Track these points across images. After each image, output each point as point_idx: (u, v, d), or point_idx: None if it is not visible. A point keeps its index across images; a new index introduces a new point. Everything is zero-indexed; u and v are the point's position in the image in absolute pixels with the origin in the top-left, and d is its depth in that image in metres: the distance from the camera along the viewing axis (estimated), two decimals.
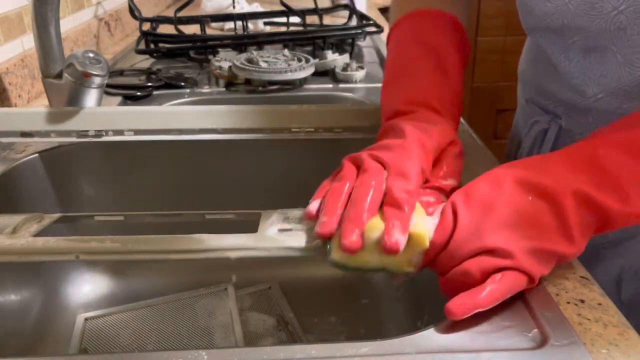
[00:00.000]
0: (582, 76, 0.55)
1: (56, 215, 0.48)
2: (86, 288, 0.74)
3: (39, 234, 0.45)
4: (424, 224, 0.39)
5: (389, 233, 0.37)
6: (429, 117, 0.47)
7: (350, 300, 0.73)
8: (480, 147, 0.65)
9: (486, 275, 0.37)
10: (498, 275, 0.37)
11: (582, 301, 0.39)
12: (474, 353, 0.34)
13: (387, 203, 0.39)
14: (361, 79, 0.94)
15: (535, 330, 0.36)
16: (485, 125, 2.24)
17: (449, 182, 0.44)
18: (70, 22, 1.05)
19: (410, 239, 0.38)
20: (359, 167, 0.42)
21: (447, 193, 0.43)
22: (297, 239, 0.43)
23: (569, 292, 0.40)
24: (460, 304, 0.36)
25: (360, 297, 0.73)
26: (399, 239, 0.37)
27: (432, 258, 0.39)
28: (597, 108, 0.55)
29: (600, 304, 0.39)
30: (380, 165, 0.41)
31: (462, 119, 0.74)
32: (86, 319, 0.67)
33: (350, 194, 0.40)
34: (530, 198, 0.38)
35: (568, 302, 0.39)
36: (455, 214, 0.38)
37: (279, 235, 0.44)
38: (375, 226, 0.38)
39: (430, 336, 0.36)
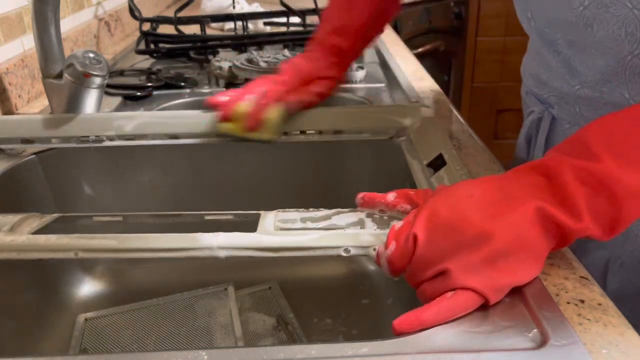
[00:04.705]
0: (569, 67, 0.57)
1: (55, 215, 0.48)
2: (86, 288, 0.74)
3: (37, 232, 0.44)
4: (274, 113, 0.63)
5: (249, 118, 0.63)
6: (317, 57, 0.71)
7: (350, 301, 0.73)
8: (480, 147, 0.65)
9: (440, 295, 0.38)
10: (449, 294, 0.37)
11: (582, 301, 0.39)
12: (474, 353, 0.34)
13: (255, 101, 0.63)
14: (361, 79, 0.94)
15: (535, 330, 0.36)
16: (485, 125, 2.24)
17: (312, 89, 0.68)
18: (71, 22, 1.05)
19: (264, 122, 0.63)
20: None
21: (310, 95, 0.67)
22: (296, 239, 0.43)
23: (569, 292, 0.40)
24: (402, 321, 0.37)
25: (360, 297, 0.73)
26: (255, 125, 0.63)
27: (397, 274, 0.41)
28: (582, 96, 0.57)
29: (600, 304, 0.39)
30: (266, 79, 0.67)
31: (462, 119, 0.74)
32: (86, 319, 0.67)
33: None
34: (489, 219, 0.38)
35: (568, 302, 0.39)
36: (415, 237, 0.39)
37: (278, 235, 0.44)
38: (242, 109, 0.62)
39: (430, 336, 0.36)
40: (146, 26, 1.14)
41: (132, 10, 1.13)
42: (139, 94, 0.87)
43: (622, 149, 0.39)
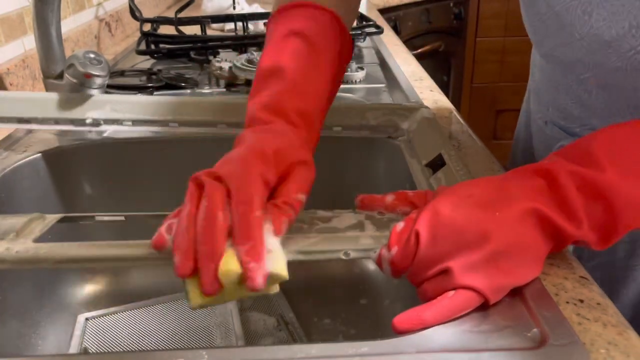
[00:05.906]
0: (607, 108, 0.53)
1: (57, 216, 0.48)
2: (86, 288, 0.74)
3: (41, 236, 0.44)
4: (281, 259, 0.39)
5: (251, 278, 0.36)
6: (283, 130, 0.46)
7: (350, 300, 0.73)
8: (480, 148, 0.65)
9: (440, 294, 0.38)
10: (450, 293, 0.37)
11: (582, 301, 0.40)
12: (474, 353, 0.34)
13: (236, 238, 0.37)
14: (361, 79, 0.94)
15: (535, 330, 0.36)
16: (485, 125, 2.25)
17: (299, 197, 0.42)
18: (71, 23, 1.05)
19: (271, 277, 0.37)
20: (202, 188, 0.40)
21: (297, 208, 0.42)
22: (296, 239, 0.43)
23: (569, 292, 0.40)
24: (403, 319, 0.37)
25: (360, 297, 0.73)
26: (260, 282, 0.36)
27: (399, 275, 0.41)
28: None
29: (599, 304, 0.39)
30: (220, 185, 0.39)
31: (461, 119, 0.74)
32: (86, 319, 0.68)
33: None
34: (490, 219, 0.38)
35: (567, 302, 0.39)
36: (417, 235, 0.39)
37: (277, 238, 0.44)
38: (231, 266, 0.36)
39: (430, 336, 0.36)
40: (147, 27, 1.14)
41: (133, 11, 1.13)
42: (139, 94, 0.87)
43: (627, 160, 0.39)
